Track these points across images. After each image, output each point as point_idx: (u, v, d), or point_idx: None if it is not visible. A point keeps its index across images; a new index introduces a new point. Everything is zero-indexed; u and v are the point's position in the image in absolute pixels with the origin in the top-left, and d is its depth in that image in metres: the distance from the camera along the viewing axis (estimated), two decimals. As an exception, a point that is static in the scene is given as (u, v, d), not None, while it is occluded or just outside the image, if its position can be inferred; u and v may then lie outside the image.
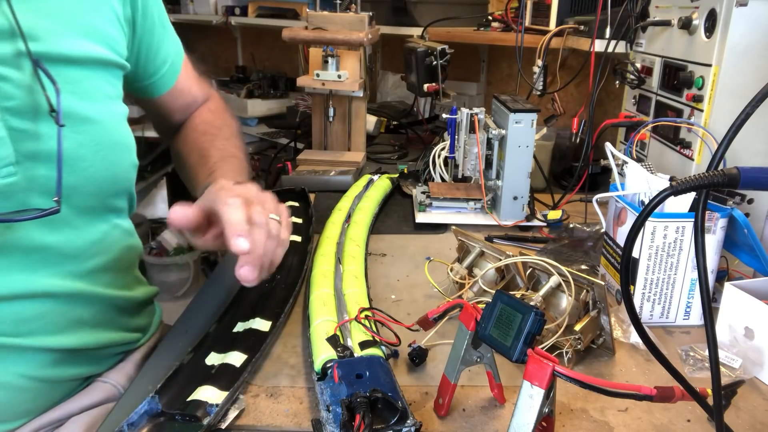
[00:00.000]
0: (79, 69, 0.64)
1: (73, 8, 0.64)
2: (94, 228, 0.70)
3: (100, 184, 0.68)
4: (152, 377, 0.63)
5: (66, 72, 0.62)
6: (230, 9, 2.60)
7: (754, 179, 0.44)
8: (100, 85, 0.67)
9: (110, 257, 0.72)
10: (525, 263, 0.74)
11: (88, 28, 0.66)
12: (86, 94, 0.65)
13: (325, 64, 1.33)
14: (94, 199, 0.68)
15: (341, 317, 0.69)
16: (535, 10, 1.42)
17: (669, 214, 0.72)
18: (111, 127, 0.68)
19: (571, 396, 0.61)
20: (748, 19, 0.80)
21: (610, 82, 1.13)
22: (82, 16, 0.65)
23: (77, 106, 0.63)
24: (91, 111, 0.65)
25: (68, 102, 0.61)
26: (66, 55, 0.62)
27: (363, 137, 1.45)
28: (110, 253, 0.72)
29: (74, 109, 0.63)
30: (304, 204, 1.11)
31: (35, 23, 0.60)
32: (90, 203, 0.68)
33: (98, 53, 0.66)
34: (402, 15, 1.80)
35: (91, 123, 0.65)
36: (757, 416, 0.60)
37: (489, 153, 1.07)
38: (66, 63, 0.62)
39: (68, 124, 0.61)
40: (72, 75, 0.63)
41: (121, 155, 0.70)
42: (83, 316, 0.70)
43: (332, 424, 0.53)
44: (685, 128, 0.91)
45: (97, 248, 0.70)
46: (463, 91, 2.00)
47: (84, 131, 0.64)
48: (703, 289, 0.43)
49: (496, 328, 0.53)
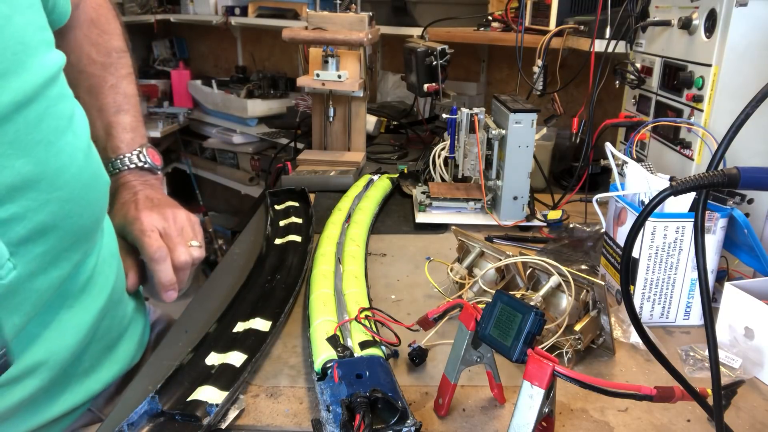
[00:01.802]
0: (36, 105, 0.49)
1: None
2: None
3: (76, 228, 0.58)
4: (152, 377, 0.63)
5: (19, 122, 0.47)
6: (230, 9, 2.60)
7: (754, 179, 0.44)
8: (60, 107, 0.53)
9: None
10: (525, 263, 0.74)
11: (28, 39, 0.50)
12: (47, 139, 0.50)
13: (325, 64, 1.33)
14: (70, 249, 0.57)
15: (341, 317, 0.69)
16: (535, 10, 1.42)
17: (669, 214, 0.72)
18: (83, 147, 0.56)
19: (571, 396, 0.61)
20: (748, 19, 0.80)
21: (610, 82, 1.13)
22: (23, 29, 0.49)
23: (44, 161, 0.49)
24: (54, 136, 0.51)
25: (30, 165, 0.48)
26: (16, 99, 0.47)
27: (363, 137, 1.45)
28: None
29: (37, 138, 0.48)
30: (304, 204, 1.11)
31: None
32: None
33: (48, 64, 0.52)
34: (402, 15, 1.80)
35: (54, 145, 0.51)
36: (757, 416, 0.60)
37: (489, 153, 1.07)
38: (21, 108, 0.47)
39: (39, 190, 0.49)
40: (28, 120, 0.48)
41: (94, 189, 0.59)
42: (80, 367, 0.63)
43: (332, 424, 0.53)
44: (685, 128, 0.91)
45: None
46: (463, 91, 2.00)
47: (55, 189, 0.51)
48: (703, 289, 0.43)
49: (496, 328, 0.53)
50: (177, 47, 3.27)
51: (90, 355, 0.63)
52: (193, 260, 0.71)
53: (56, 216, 0.51)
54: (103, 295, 0.63)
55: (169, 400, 0.57)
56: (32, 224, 0.49)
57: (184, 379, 0.61)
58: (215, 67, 3.24)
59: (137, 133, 0.76)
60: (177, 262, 0.69)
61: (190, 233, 0.73)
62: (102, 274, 0.63)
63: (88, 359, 0.63)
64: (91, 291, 0.61)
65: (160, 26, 2.92)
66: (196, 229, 0.75)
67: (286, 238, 0.95)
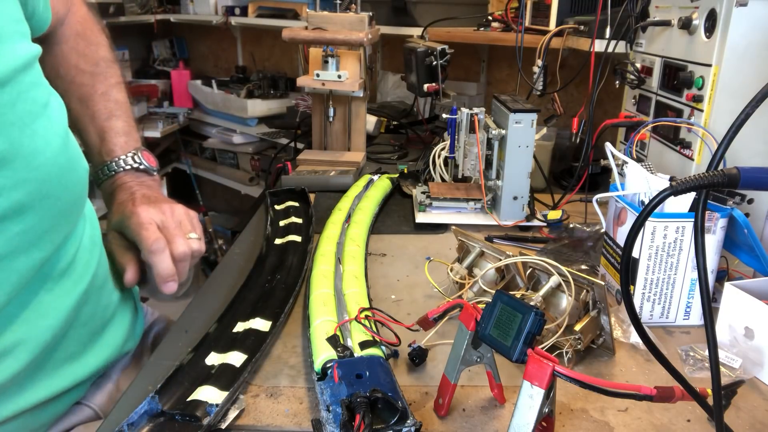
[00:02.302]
0: (9, 88, 0.51)
1: None
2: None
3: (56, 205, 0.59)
4: (152, 377, 0.63)
5: None
6: (230, 9, 2.60)
7: (754, 179, 0.44)
8: (33, 89, 0.54)
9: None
10: (525, 263, 0.74)
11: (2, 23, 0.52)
12: (24, 118, 0.52)
13: (325, 64, 1.33)
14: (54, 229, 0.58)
15: (341, 317, 0.69)
16: (535, 10, 1.41)
17: (669, 214, 0.72)
18: (60, 144, 0.57)
19: (571, 396, 0.61)
20: (748, 19, 0.80)
21: (610, 82, 1.13)
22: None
23: (22, 140, 0.51)
24: (37, 139, 0.53)
25: (5, 143, 0.49)
26: None
27: (363, 137, 1.45)
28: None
29: (18, 145, 0.51)
30: (304, 204, 1.11)
31: None
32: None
33: (22, 53, 0.53)
34: (402, 15, 1.80)
35: (41, 154, 0.53)
36: (757, 416, 0.60)
37: (489, 153, 1.07)
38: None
39: (13, 166, 0.51)
40: (2, 102, 0.50)
41: (73, 173, 0.60)
42: (65, 351, 0.64)
43: (332, 424, 0.53)
44: (685, 128, 0.91)
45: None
46: (463, 91, 2.00)
47: (37, 165, 0.53)
48: (703, 289, 0.43)
49: (496, 328, 0.53)
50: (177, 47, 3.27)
51: (74, 340, 0.64)
52: (192, 252, 0.70)
53: (33, 196, 0.52)
54: (84, 281, 0.64)
55: (169, 400, 0.57)
56: (8, 202, 0.50)
57: (184, 379, 0.61)
58: (215, 67, 3.24)
59: (131, 137, 0.77)
60: (176, 254, 0.69)
61: (188, 226, 0.73)
62: (83, 259, 0.65)
63: (72, 344, 0.64)
64: (72, 275, 0.62)
65: (160, 26, 2.92)
66: (195, 222, 0.74)
67: (286, 238, 0.95)
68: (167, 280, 0.68)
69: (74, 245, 0.63)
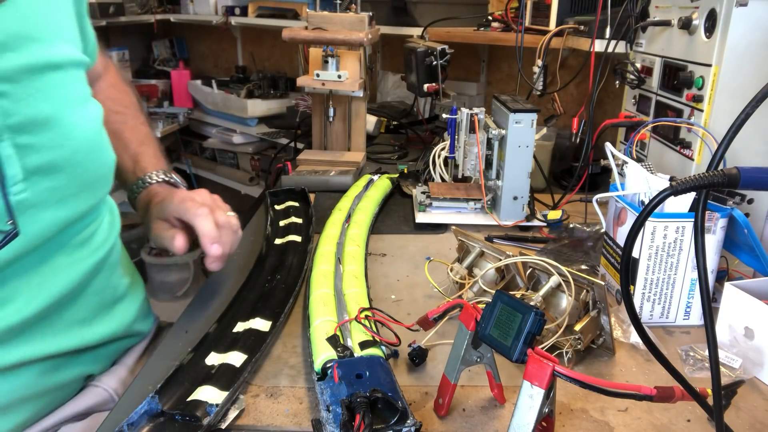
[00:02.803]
0: (57, 73, 0.63)
1: (46, 12, 0.64)
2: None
3: (89, 185, 0.68)
4: (152, 377, 0.63)
5: (45, 81, 0.61)
6: (230, 9, 2.60)
7: (754, 179, 0.44)
8: (76, 82, 0.67)
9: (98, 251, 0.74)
10: (525, 263, 0.74)
11: (58, 25, 0.66)
12: (65, 101, 0.64)
13: (325, 64, 1.33)
14: (83, 200, 0.68)
15: (341, 317, 0.69)
16: (535, 10, 1.41)
17: (669, 214, 0.72)
18: (93, 126, 0.68)
19: (571, 396, 0.61)
20: (748, 19, 0.80)
21: (610, 82, 1.13)
22: (49, 12, 0.64)
23: (60, 114, 0.62)
24: (73, 117, 0.64)
25: (49, 111, 0.61)
26: (47, 61, 0.61)
27: (363, 137, 1.45)
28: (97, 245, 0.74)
29: (57, 117, 0.62)
30: (304, 204, 1.11)
31: (8, 33, 0.58)
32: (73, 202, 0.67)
33: (70, 53, 0.66)
34: (402, 15, 1.80)
35: (76, 129, 0.64)
36: (757, 416, 0.60)
37: (489, 153, 1.07)
38: (50, 69, 0.62)
39: (53, 134, 0.61)
40: (51, 83, 0.62)
41: (106, 153, 0.71)
42: (76, 315, 0.70)
43: (332, 424, 0.53)
44: (685, 128, 0.91)
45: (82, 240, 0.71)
46: (463, 91, 2.00)
47: (71, 138, 0.63)
48: (703, 289, 0.43)
49: (496, 328, 0.53)
50: (177, 47, 3.27)
51: (84, 307, 0.71)
52: (232, 226, 0.77)
53: (65, 160, 0.62)
54: (98, 255, 0.72)
55: (169, 400, 0.57)
56: (45, 159, 0.60)
57: (184, 379, 0.61)
58: (215, 67, 3.24)
59: (160, 161, 0.86)
60: (219, 221, 0.75)
61: (224, 206, 0.80)
62: (100, 237, 0.74)
63: (82, 309, 0.71)
64: (88, 247, 0.71)
65: (160, 26, 2.92)
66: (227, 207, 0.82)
67: (286, 238, 0.95)
68: (213, 241, 0.73)
69: (94, 223, 0.73)
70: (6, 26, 0.58)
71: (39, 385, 0.67)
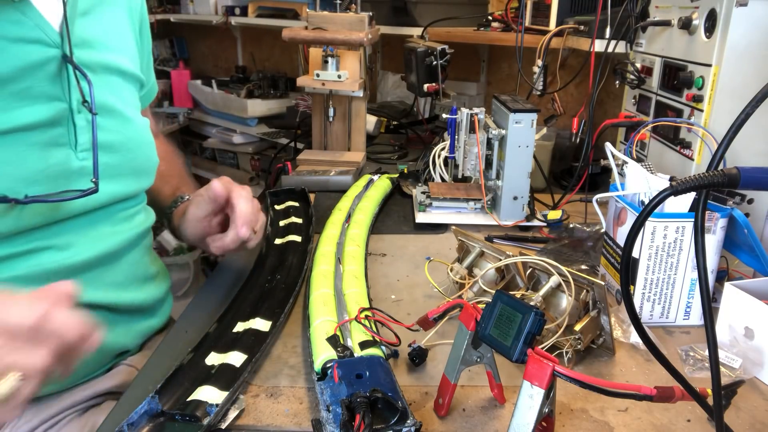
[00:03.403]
0: (121, 79, 0.79)
1: (116, 28, 0.80)
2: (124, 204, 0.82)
3: (136, 171, 0.81)
4: (152, 377, 0.63)
5: (113, 80, 0.77)
6: (230, 9, 2.60)
7: (754, 179, 0.44)
8: (133, 94, 0.83)
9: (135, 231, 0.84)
10: (525, 263, 0.74)
11: (126, 46, 0.82)
12: (125, 100, 0.79)
13: (325, 64, 1.33)
14: (130, 182, 0.81)
15: (341, 317, 0.69)
16: (535, 10, 1.41)
17: (669, 214, 0.72)
18: (143, 129, 0.82)
19: (571, 396, 0.61)
20: (748, 19, 0.80)
21: (610, 82, 1.13)
22: (122, 36, 0.81)
23: (120, 107, 0.77)
24: (129, 112, 0.79)
25: (114, 102, 0.76)
26: (117, 66, 0.78)
27: (363, 137, 1.45)
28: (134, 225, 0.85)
29: (118, 108, 0.76)
30: (304, 204, 1.11)
31: (94, 36, 0.74)
32: (126, 185, 0.80)
33: (132, 68, 0.81)
34: (402, 15, 1.80)
35: (130, 122, 0.79)
36: (757, 416, 0.60)
37: (489, 153, 1.07)
38: (116, 72, 0.78)
39: (114, 120, 0.76)
40: (117, 83, 0.78)
41: (151, 151, 0.85)
42: (114, 276, 0.79)
43: (332, 424, 0.53)
44: (685, 128, 0.91)
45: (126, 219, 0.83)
46: (463, 91, 2.00)
47: (126, 128, 0.78)
48: (703, 289, 0.43)
49: (496, 328, 0.53)
50: (177, 47, 3.27)
51: (122, 272, 0.80)
52: (260, 212, 0.85)
53: (121, 145, 0.77)
54: (135, 232, 0.82)
55: (169, 400, 0.57)
56: (105, 138, 0.73)
57: (184, 379, 0.61)
58: (215, 67, 3.24)
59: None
60: (256, 207, 0.84)
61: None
62: (138, 219, 0.84)
63: (120, 274, 0.80)
64: (130, 223, 0.82)
65: (160, 26, 2.92)
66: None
67: (286, 238, 0.95)
68: (246, 220, 0.80)
69: (136, 207, 0.84)
70: (91, 31, 0.74)
71: (106, 326, 0.74)
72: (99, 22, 0.76)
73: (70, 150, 0.70)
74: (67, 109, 0.69)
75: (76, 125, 0.70)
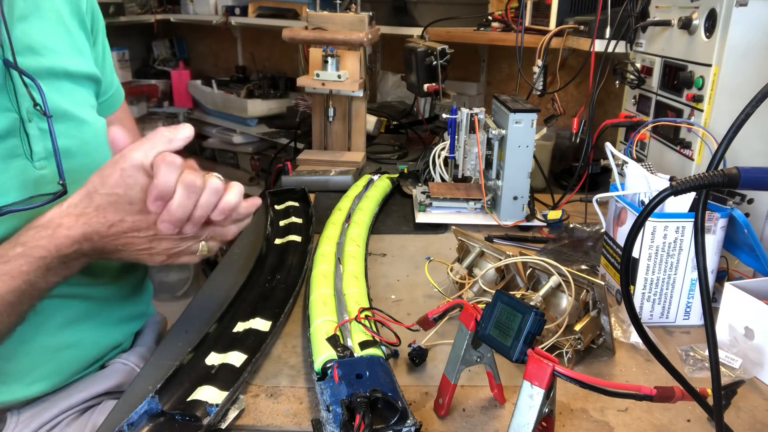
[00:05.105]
0: (70, 82, 0.76)
1: (59, 30, 0.76)
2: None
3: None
4: (152, 377, 0.63)
5: (62, 84, 0.74)
6: (230, 9, 2.60)
7: (754, 179, 0.44)
8: (87, 95, 0.80)
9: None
10: (525, 263, 0.74)
11: (72, 47, 0.78)
12: (77, 102, 0.77)
13: (325, 64, 1.33)
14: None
15: (341, 317, 0.69)
16: (535, 10, 1.41)
17: (669, 214, 0.72)
18: (100, 130, 0.79)
19: (571, 396, 0.61)
20: (748, 19, 0.80)
21: (610, 82, 1.13)
22: (67, 36, 0.77)
23: (73, 110, 0.74)
24: (83, 115, 0.77)
25: (66, 106, 0.73)
26: (64, 69, 0.75)
27: (363, 137, 1.45)
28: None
29: (71, 111, 0.74)
30: (304, 204, 1.11)
31: (37, 41, 0.71)
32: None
33: (83, 68, 0.78)
34: (402, 15, 1.80)
35: (85, 124, 0.76)
36: (757, 416, 0.60)
37: (489, 153, 1.07)
38: (66, 76, 0.75)
39: (68, 124, 0.73)
40: (66, 87, 0.75)
41: (107, 150, 0.71)
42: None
43: (332, 424, 0.53)
44: (685, 128, 0.91)
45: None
46: (463, 91, 2.00)
47: (82, 131, 0.75)
48: (703, 289, 0.43)
49: (496, 328, 0.53)
50: (177, 47, 3.27)
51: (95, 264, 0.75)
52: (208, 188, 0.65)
53: (78, 149, 0.74)
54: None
55: (169, 400, 0.57)
56: (62, 144, 0.69)
57: (184, 379, 0.61)
58: (215, 67, 3.24)
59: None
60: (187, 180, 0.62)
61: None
62: None
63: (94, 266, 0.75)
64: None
65: (160, 26, 2.92)
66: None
67: (286, 238, 0.95)
68: (160, 192, 0.59)
69: None
70: (34, 36, 0.71)
71: (84, 318, 0.76)
72: (40, 26, 0.73)
73: (26, 160, 0.69)
74: (17, 119, 0.68)
75: (29, 134, 0.69)
